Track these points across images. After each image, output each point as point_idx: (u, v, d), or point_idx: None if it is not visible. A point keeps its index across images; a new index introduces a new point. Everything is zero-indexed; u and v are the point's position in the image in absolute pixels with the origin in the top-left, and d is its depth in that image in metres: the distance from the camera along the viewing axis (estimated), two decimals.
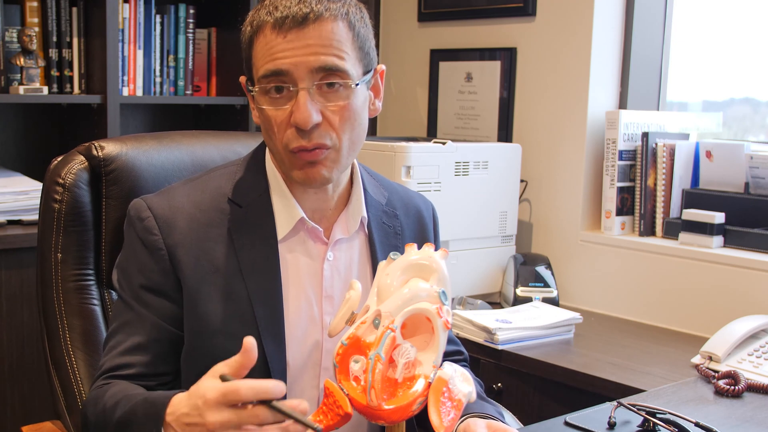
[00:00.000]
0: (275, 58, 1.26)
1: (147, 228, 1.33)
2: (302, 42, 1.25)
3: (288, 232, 1.37)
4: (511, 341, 2.19)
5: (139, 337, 1.31)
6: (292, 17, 1.25)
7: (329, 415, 1.15)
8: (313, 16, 1.26)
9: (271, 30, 1.27)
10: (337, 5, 1.29)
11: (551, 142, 2.77)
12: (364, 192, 1.44)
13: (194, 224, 1.34)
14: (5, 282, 2.45)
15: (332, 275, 1.40)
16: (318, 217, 1.40)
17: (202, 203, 1.36)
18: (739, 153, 2.45)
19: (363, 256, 1.44)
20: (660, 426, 1.47)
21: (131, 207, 1.37)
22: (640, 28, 2.72)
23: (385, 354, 1.15)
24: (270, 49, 1.26)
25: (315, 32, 1.26)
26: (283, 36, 1.25)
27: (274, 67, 1.26)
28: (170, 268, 1.32)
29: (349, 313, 1.21)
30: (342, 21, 1.28)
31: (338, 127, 1.29)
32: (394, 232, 1.47)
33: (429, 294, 1.21)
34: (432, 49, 3.11)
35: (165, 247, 1.32)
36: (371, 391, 1.13)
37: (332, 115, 1.28)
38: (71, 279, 1.55)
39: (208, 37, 3.08)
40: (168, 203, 1.35)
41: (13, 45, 2.66)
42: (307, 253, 1.39)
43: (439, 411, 1.15)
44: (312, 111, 1.26)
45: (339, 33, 1.28)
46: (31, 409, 2.52)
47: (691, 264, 2.42)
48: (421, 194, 1.60)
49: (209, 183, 1.39)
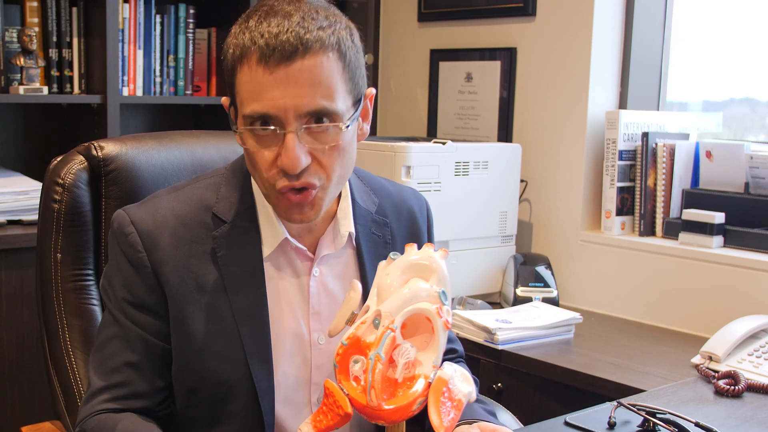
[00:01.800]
0: (262, 100, 1.19)
1: (131, 244, 1.30)
2: (291, 81, 1.18)
3: (273, 251, 1.33)
4: (511, 341, 2.19)
5: (129, 354, 1.29)
6: (280, 51, 1.17)
7: (329, 415, 1.15)
8: (303, 49, 1.18)
9: (257, 63, 1.19)
10: (327, 33, 1.20)
11: (551, 142, 2.77)
12: (352, 203, 1.40)
13: (178, 241, 1.30)
14: (5, 282, 2.45)
15: (319, 292, 1.37)
16: (304, 233, 1.36)
17: (186, 217, 1.32)
18: (739, 153, 2.45)
19: (351, 270, 1.41)
20: (660, 426, 1.47)
21: (114, 219, 1.33)
22: (640, 28, 2.72)
23: (385, 354, 1.14)
24: (256, 87, 1.19)
25: (304, 70, 1.18)
26: (270, 72, 1.18)
27: (261, 110, 1.19)
28: (156, 285, 1.29)
29: (349, 313, 1.21)
30: (332, 52, 1.20)
31: (327, 166, 1.24)
32: (383, 242, 1.43)
33: (429, 294, 1.20)
34: (432, 49, 3.11)
35: (150, 265, 1.29)
36: (371, 391, 1.13)
37: (321, 156, 1.22)
38: (71, 279, 1.55)
39: (208, 37, 3.08)
40: (152, 217, 1.31)
41: (13, 45, 2.66)
42: (293, 270, 1.36)
43: (439, 411, 1.15)
44: (300, 155, 1.20)
45: (329, 68, 1.20)
46: (31, 409, 2.52)
47: (691, 264, 2.41)
48: (414, 191, 1.56)
49: (194, 194, 1.34)
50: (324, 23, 1.21)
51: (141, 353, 1.29)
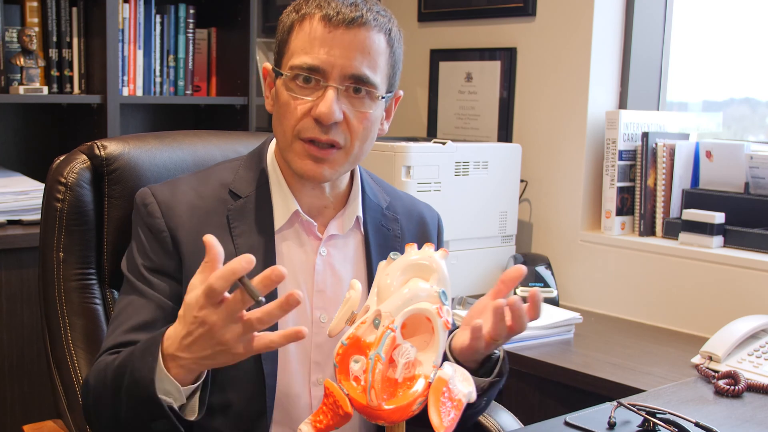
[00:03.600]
0: (315, 53, 1.30)
1: (150, 212, 1.37)
2: (345, 42, 1.30)
3: (284, 223, 1.40)
4: (511, 341, 2.18)
5: (144, 315, 1.33)
6: (344, 15, 1.30)
7: (329, 414, 1.15)
8: (363, 21, 1.31)
9: (319, 21, 1.31)
10: (384, 19, 1.35)
11: (551, 142, 2.77)
12: (362, 193, 1.47)
13: (195, 210, 1.38)
14: (5, 282, 2.45)
15: (324, 270, 1.42)
16: (314, 213, 1.43)
17: (203, 192, 1.40)
18: (739, 153, 2.45)
19: (358, 255, 1.46)
20: (660, 426, 1.47)
21: (137, 195, 1.42)
22: (640, 28, 2.72)
23: (385, 354, 1.15)
24: (312, 41, 1.31)
25: (359, 37, 1.31)
26: (329, 31, 1.30)
27: (311, 62, 1.30)
28: (173, 248, 1.35)
29: (349, 313, 1.22)
30: (385, 35, 1.34)
31: (355, 130, 1.34)
32: (393, 235, 1.49)
33: (429, 294, 1.21)
34: (432, 49, 3.11)
35: (167, 229, 1.36)
36: (371, 391, 1.13)
37: (352, 119, 1.33)
38: (73, 278, 1.55)
39: (208, 37, 3.08)
40: (171, 191, 1.40)
41: (13, 45, 2.66)
42: (301, 246, 1.41)
43: (439, 411, 1.15)
44: (336, 108, 1.30)
45: (379, 45, 1.33)
46: (32, 408, 2.52)
47: (691, 264, 2.42)
48: (428, 205, 1.63)
49: (213, 175, 1.44)
50: (383, 12, 1.36)
51: (153, 315, 1.33)
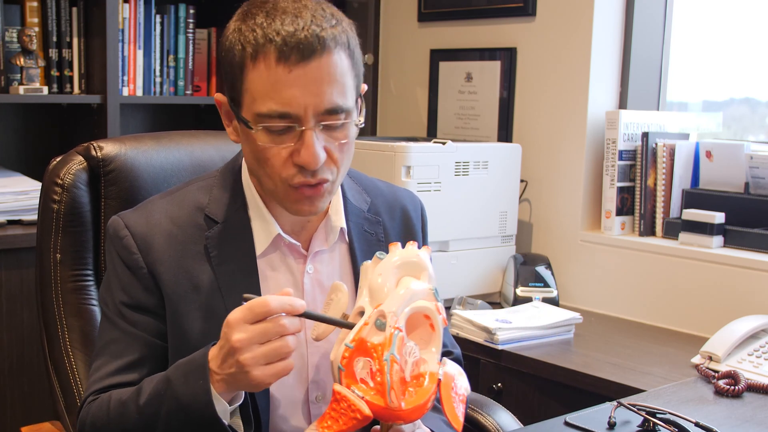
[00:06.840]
0: (281, 98, 1.20)
1: (125, 246, 1.32)
2: (308, 78, 1.20)
3: (266, 248, 1.35)
4: (511, 341, 2.18)
5: (130, 355, 1.30)
6: (299, 49, 1.19)
7: (341, 420, 1.12)
8: (320, 48, 1.20)
9: (276, 62, 1.20)
10: (338, 31, 1.23)
11: (551, 142, 2.77)
12: (344, 200, 1.42)
13: (172, 241, 1.32)
14: (5, 282, 2.45)
15: (313, 288, 1.38)
16: (297, 230, 1.38)
17: (179, 219, 1.34)
18: (739, 153, 2.45)
19: (344, 265, 1.42)
20: (660, 426, 1.47)
21: (109, 225, 1.36)
22: (640, 28, 2.71)
23: (399, 354, 1.14)
24: (274, 85, 1.20)
25: (322, 68, 1.21)
26: (289, 71, 1.20)
27: (280, 109, 1.21)
28: (153, 285, 1.31)
29: (339, 315, 1.21)
30: (343, 50, 1.24)
31: (339, 161, 1.28)
32: (376, 239, 1.45)
33: (426, 292, 1.21)
34: (432, 49, 3.11)
35: (146, 266, 1.31)
36: (391, 392, 1.12)
37: (334, 151, 1.26)
38: (70, 279, 1.55)
39: (208, 37, 3.08)
40: (145, 220, 1.33)
41: (13, 45, 2.66)
42: (287, 268, 1.37)
43: (453, 407, 1.16)
44: (320, 151, 1.23)
45: (342, 65, 1.23)
46: (31, 409, 2.52)
47: (691, 264, 2.41)
48: (409, 191, 1.57)
49: (186, 197, 1.37)
50: (332, 21, 1.24)
51: (140, 353, 1.30)
